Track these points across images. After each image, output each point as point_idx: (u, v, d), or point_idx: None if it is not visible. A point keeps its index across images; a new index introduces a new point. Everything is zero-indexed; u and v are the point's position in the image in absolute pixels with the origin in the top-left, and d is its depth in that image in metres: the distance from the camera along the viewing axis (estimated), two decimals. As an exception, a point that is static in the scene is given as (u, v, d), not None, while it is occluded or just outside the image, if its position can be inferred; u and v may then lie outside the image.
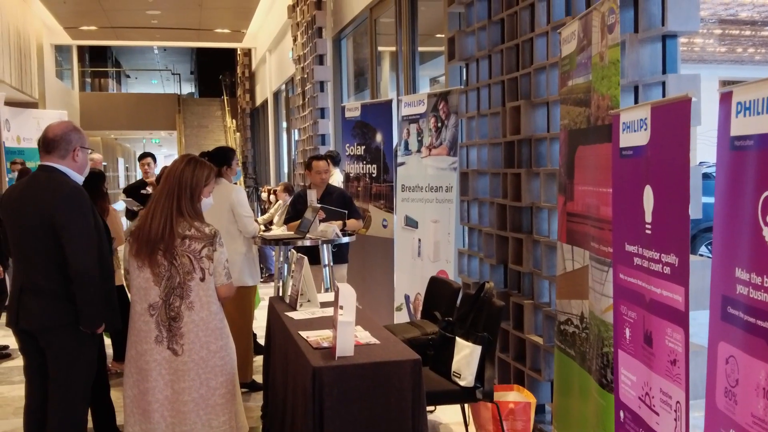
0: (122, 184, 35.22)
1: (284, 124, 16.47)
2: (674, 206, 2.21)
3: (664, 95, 3.22)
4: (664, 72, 3.35)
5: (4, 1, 12.91)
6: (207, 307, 3.17)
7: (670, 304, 2.23)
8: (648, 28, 3.30)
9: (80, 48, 23.02)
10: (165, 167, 4.44)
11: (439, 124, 5.38)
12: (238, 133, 22.51)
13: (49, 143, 3.28)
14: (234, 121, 23.88)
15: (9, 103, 12.60)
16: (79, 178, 3.37)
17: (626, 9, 3.39)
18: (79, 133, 3.35)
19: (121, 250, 3.61)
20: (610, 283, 2.73)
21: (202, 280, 3.15)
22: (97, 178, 4.67)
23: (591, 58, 3.03)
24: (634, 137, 2.49)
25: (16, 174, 9.40)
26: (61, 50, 20.06)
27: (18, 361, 6.25)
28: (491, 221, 4.74)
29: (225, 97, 26.26)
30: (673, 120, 2.24)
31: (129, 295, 3.32)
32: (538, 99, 4.20)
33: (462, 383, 3.51)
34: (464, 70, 5.44)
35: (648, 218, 2.37)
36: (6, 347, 6.50)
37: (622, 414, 2.63)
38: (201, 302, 3.16)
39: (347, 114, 6.85)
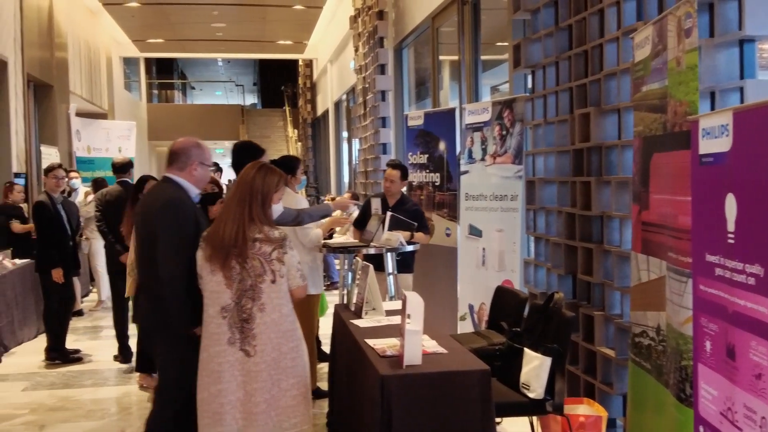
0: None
1: (345, 134, 16.60)
2: (760, 215, 2.13)
3: (742, 101, 3.11)
4: (741, 77, 3.24)
5: (77, 17, 13.40)
6: (278, 309, 3.19)
7: (755, 316, 2.14)
8: (724, 32, 3.20)
9: (147, 60, 23.68)
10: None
11: (504, 132, 5.33)
12: (299, 143, 22.79)
13: (171, 155, 3.48)
14: (295, 131, 24.18)
15: (80, 114, 13.05)
16: (194, 191, 3.52)
17: (701, 13, 3.29)
18: (200, 149, 3.49)
19: None
20: (689, 295, 2.65)
21: (273, 282, 3.17)
22: (214, 197, 4.98)
23: (667, 63, 2.95)
24: (714, 144, 2.41)
25: (78, 181, 9.69)
26: (129, 63, 20.67)
27: (89, 365, 6.44)
28: (559, 230, 4.66)
29: (287, 108, 26.63)
30: (758, 125, 2.15)
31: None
32: (609, 106, 4.12)
33: (531, 395, 3.44)
34: (530, 77, 5.37)
35: (730, 227, 2.29)
36: (77, 351, 6.68)
37: (702, 430, 2.54)
38: (272, 304, 3.18)
39: (410, 123, 6.85)
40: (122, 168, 6.71)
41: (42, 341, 7.01)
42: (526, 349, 3.55)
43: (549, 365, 3.42)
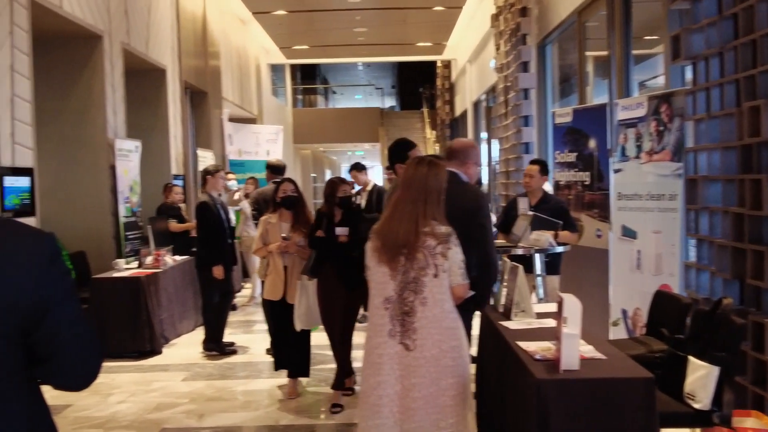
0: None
1: (484, 134, 16.44)
2: None
3: None
4: None
5: (228, 26, 14.10)
6: (440, 305, 3.15)
7: None
8: None
9: (293, 67, 24.56)
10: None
11: (661, 128, 5.06)
12: (437, 144, 22.83)
13: (452, 152, 3.91)
14: (433, 132, 24.25)
15: (232, 119, 13.70)
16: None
17: None
18: (476, 150, 4.00)
19: None
20: None
21: (435, 276, 3.14)
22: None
23: None
24: None
25: (233, 182, 10.15)
26: (275, 69, 21.51)
27: (243, 358, 6.74)
28: (725, 232, 4.35)
29: (425, 109, 26.76)
30: None
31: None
32: (782, 97, 3.80)
33: (697, 406, 3.24)
34: (689, 69, 5.06)
35: None
36: (232, 344, 7.00)
37: None
38: (434, 299, 3.15)
39: (557, 120, 6.66)
40: (278, 169, 7.15)
41: (199, 334, 7.42)
42: (690, 358, 3.35)
43: (717, 375, 3.21)
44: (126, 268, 7.26)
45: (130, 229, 8.25)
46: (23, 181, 6.02)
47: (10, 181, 5.80)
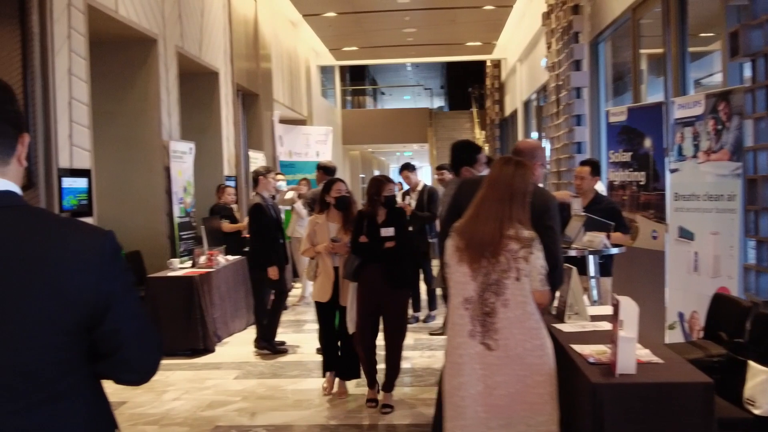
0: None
1: (534, 134, 16.27)
2: None
3: None
4: None
5: (279, 29, 14.26)
6: (522, 307, 3.09)
7: None
8: None
9: (342, 68, 24.69)
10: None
11: (719, 127, 4.93)
12: (487, 144, 22.68)
13: (517, 153, 3.85)
14: (483, 132, 24.10)
15: (282, 121, 13.85)
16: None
17: None
18: (543, 151, 4.00)
19: None
20: None
21: (517, 279, 3.09)
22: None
23: None
24: None
25: (283, 183, 10.26)
26: (325, 71, 21.66)
27: (294, 357, 6.79)
28: (786, 233, 4.22)
29: (474, 109, 26.61)
30: None
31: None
32: None
33: (757, 411, 3.15)
34: (748, 67, 4.92)
35: None
36: (283, 343, 7.07)
37: None
38: (516, 301, 3.09)
39: (611, 119, 6.54)
40: (329, 170, 7.26)
41: (250, 332, 7.51)
42: (750, 362, 3.26)
43: (779, 380, 3.11)
44: (180, 268, 7.40)
45: (183, 229, 8.41)
46: (81, 182, 6.18)
47: (68, 182, 5.95)
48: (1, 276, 1.38)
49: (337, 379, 5.62)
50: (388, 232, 5.01)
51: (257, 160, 11.56)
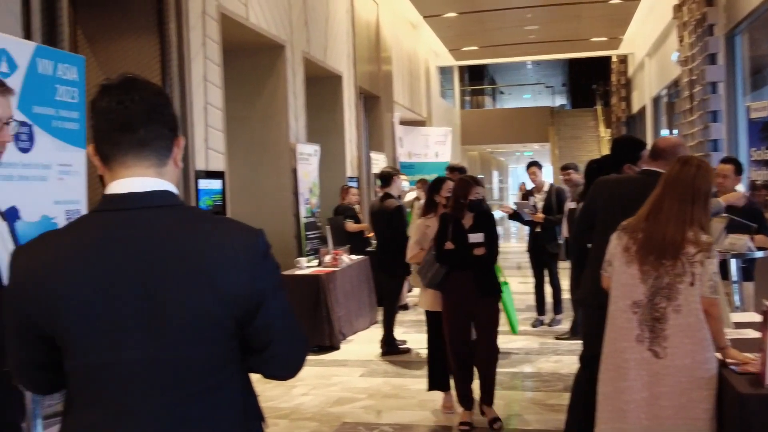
0: (495, 196, 36.80)
1: (665, 131, 15.60)
2: None
3: None
4: None
5: (400, 31, 14.39)
6: (695, 314, 2.94)
7: None
8: None
9: (461, 68, 24.63)
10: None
11: None
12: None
13: (657, 151, 3.71)
14: (608, 130, 23.35)
15: (402, 123, 13.96)
16: None
17: None
18: (684, 149, 3.75)
19: None
20: None
21: (692, 284, 2.93)
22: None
23: None
24: None
25: (406, 183, 10.31)
26: (443, 71, 21.67)
27: (417, 356, 6.82)
28: None
29: (598, 107, 25.84)
30: None
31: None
32: None
33: None
34: None
35: None
36: (404, 342, 7.11)
37: None
38: (689, 307, 2.94)
39: (752, 114, 6.18)
40: (460, 171, 7.33)
41: (373, 331, 7.61)
42: None
43: None
44: (307, 266, 7.60)
45: (309, 229, 8.64)
46: (215, 184, 6.47)
47: (204, 184, 6.25)
48: (161, 272, 1.45)
49: (445, 393, 5.26)
50: (477, 238, 4.72)
51: (378, 161, 11.72)
